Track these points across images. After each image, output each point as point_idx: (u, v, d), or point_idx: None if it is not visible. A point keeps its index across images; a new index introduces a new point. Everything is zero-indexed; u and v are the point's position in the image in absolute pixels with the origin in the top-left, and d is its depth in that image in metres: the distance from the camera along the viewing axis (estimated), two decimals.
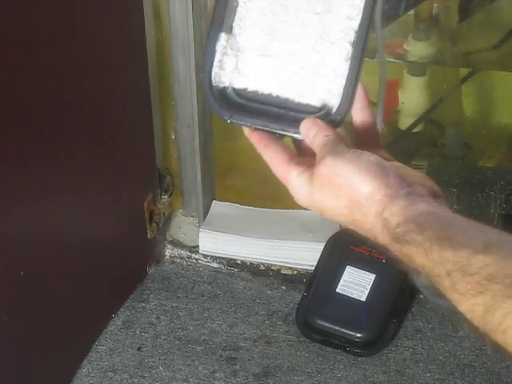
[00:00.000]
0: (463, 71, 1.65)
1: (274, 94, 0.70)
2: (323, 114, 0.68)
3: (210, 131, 1.58)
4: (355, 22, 0.68)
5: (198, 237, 1.61)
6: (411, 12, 1.52)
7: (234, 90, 0.71)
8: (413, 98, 1.66)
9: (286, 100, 0.70)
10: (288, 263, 1.56)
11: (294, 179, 0.66)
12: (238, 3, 0.71)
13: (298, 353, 1.36)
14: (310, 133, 0.66)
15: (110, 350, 1.38)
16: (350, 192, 0.62)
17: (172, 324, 1.44)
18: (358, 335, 1.35)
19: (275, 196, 1.69)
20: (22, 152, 1.10)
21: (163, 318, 1.45)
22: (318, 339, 1.38)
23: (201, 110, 1.51)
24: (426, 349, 1.36)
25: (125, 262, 1.47)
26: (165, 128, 1.60)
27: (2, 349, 1.14)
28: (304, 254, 1.54)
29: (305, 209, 1.38)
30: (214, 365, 1.34)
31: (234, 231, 1.60)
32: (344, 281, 1.40)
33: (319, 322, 1.38)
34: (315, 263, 1.47)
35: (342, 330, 1.36)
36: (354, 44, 0.68)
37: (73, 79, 1.19)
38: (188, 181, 1.63)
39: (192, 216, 1.67)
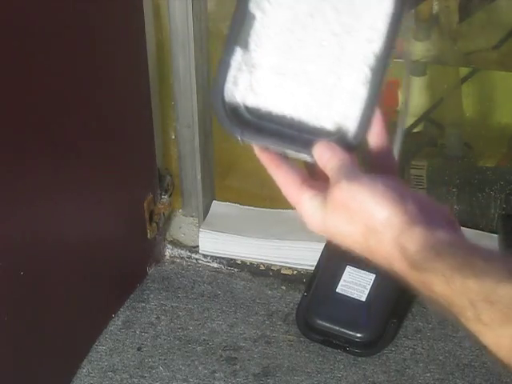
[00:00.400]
0: (463, 71, 1.65)
1: (288, 115, 0.69)
2: (338, 138, 0.66)
3: (209, 131, 1.58)
4: (376, 46, 0.67)
5: (197, 237, 1.61)
6: (411, 12, 1.52)
7: (247, 107, 0.70)
8: (413, 98, 1.66)
9: (300, 121, 0.68)
10: (288, 263, 1.56)
11: (306, 203, 0.64)
12: (255, 18, 0.69)
13: (298, 353, 1.36)
14: (324, 156, 0.64)
15: (109, 350, 1.38)
16: (366, 217, 0.60)
17: (172, 324, 1.44)
18: (358, 335, 1.35)
19: (275, 196, 1.68)
20: (22, 152, 1.10)
21: (163, 317, 1.45)
22: (317, 339, 1.38)
23: (201, 110, 1.51)
24: (426, 349, 1.36)
25: (125, 261, 1.47)
26: (165, 128, 1.60)
27: (2, 349, 1.14)
28: (304, 254, 1.54)
29: None
30: (214, 365, 1.34)
31: (234, 231, 1.60)
32: (344, 281, 1.40)
33: (319, 321, 1.38)
34: (315, 263, 1.47)
35: (342, 330, 1.36)
36: (374, 68, 0.67)
37: (72, 79, 1.19)
38: (188, 181, 1.63)
39: (192, 216, 1.67)
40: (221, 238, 1.59)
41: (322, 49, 0.68)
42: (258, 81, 0.70)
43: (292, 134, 0.68)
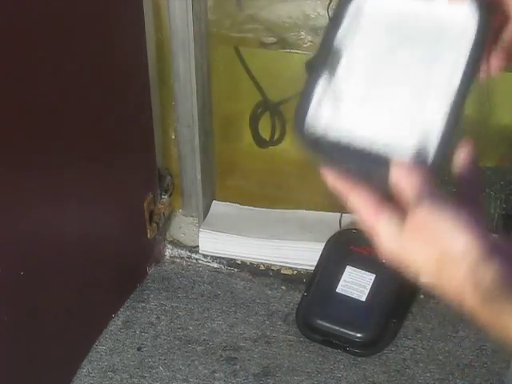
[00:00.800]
0: None
1: (369, 140, 0.71)
2: (419, 160, 0.68)
3: (209, 131, 1.58)
4: (459, 73, 0.70)
5: (197, 237, 1.61)
6: None
7: (328, 135, 0.71)
8: None
9: (381, 144, 0.70)
10: (288, 263, 1.56)
11: (383, 226, 0.62)
12: (342, 47, 0.72)
13: (298, 353, 1.36)
14: (404, 178, 0.63)
15: (109, 350, 1.38)
16: (444, 244, 0.58)
17: (172, 324, 1.44)
18: (358, 335, 1.35)
19: (275, 196, 1.68)
20: (23, 153, 1.10)
21: (163, 317, 1.45)
22: (317, 339, 1.38)
23: (201, 110, 1.51)
24: (426, 349, 1.36)
25: (125, 261, 1.47)
26: (165, 128, 1.60)
27: (2, 349, 1.14)
28: (304, 254, 1.54)
29: (304, 208, 1.38)
30: (213, 365, 1.34)
31: (234, 231, 1.60)
32: (344, 281, 1.40)
33: (319, 322, 1.38)
34: (315, 263, 1.47)
35: (342, 330, 1.36)
36: (457, 92, 0.70)
37: (73, 79, 1.19)
38: (188, 181, 1.63)
39: (192, 216, 1.67)
40: (221, 238, 1.59)
41: (409, 77, 0.71)
42: (341, 110, 0.72)
43: (371, 158, 0.69)
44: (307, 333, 1.39)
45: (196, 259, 1.60)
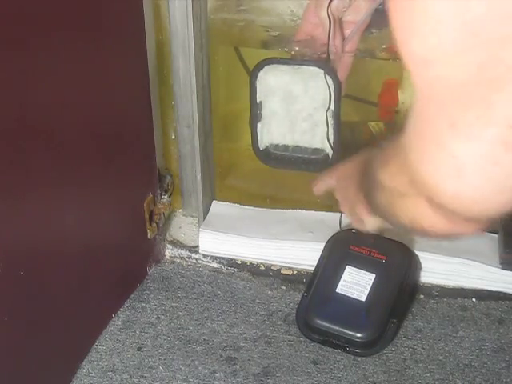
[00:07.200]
0: None
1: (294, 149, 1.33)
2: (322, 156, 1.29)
3: (210, 131, 1.58)
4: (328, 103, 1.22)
5: (197, 237, 1.61)
6: None
7: (272, 150, 1.32)
8: (413, 98, 1.66)
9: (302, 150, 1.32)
10: (288, 263, 1.56)
11: None
12: (262, 100, 1.33)
13: (298, 353, 1.36)
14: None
15: (110, 350, 1.38)
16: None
17: (172, 324, 1.44)
18: (358, 335, 1.35)
19: (275, 196, 1.68)
20: (22, 152, 1.10)
21: (163, 317, 1.45)
22: (317, 339, 1.38)
23: (201, 110, 1.51)
24: (426, 349, 1.36)
25: (125, 261, 1.47)
26: (165, 128, 1.60)
27: (2, 349, 1.14)
28: (304, 254, 1.54)
29: (304, 208, 1.43)
30: (213, 365, 1.34)
31: (234, 231, 1.60)
32: (344, 281, 1.40)
33: (319, 322, 1.38)
34: (315, 263, 1.47)
35: (342, 330, 1.36)
36: (334, 110, 1.22)
37: (72, 79, 1.19)
38: (188, 181, 1.63)
39: (192, 216, 1.67)
40: (221, 238, 1.59)
41: (304, 107, 1.28)
42: (273, 131, 1.32)
43: (299, 160, 1.31)
44: (307, 333, 1.39)
45: (196, 259, 1.60)
